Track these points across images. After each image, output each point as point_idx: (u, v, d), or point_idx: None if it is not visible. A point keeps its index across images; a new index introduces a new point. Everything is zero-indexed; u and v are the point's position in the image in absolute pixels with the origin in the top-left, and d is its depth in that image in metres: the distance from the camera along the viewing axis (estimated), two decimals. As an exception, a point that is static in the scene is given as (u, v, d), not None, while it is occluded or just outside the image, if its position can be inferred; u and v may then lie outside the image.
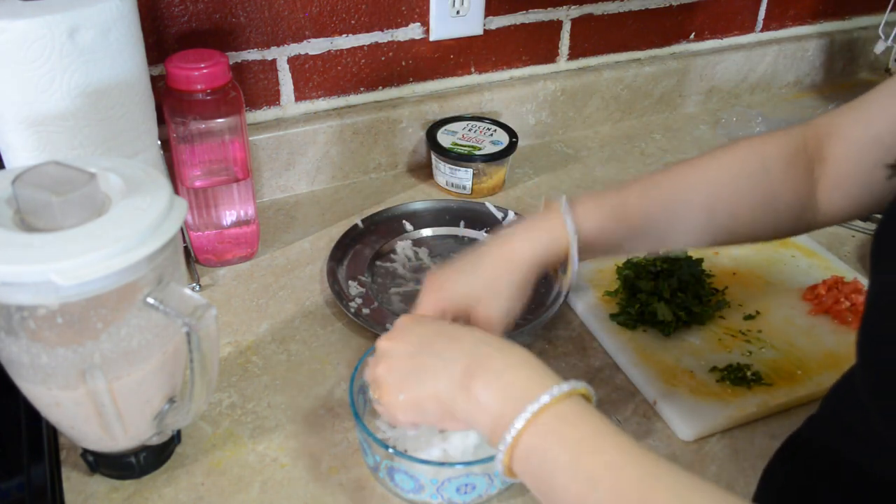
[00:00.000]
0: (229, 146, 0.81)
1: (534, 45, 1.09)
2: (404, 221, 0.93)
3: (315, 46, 0.95)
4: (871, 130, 0.57)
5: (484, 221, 0.94)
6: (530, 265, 0.62)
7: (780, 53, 1.26)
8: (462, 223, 0.93)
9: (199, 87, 0.76)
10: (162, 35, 0.86)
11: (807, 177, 0.62)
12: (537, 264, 0.63)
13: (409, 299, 0.82)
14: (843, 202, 0.61)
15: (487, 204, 0.95)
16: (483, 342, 0.53)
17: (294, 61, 0.94)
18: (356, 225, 0.91)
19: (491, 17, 1.03)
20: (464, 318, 0.62)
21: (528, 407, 0.46)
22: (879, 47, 1.19)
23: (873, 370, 0.46)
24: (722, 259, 0.88)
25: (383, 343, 0.56)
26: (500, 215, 0.94)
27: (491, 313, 0.61)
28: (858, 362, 0.47)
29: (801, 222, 0.64)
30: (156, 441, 0.61)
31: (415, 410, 0.53)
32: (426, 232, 0.92)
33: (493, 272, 0.62)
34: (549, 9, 1.06)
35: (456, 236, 0.92)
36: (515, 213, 0.94)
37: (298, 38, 0.93)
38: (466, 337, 0.54)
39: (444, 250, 0.90)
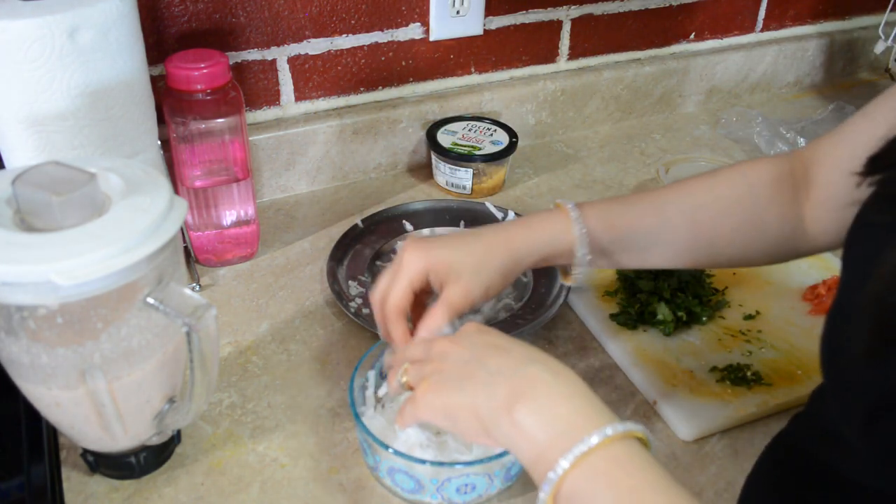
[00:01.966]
0: (229, 146, 0.81)
1: (534, 45, 1.09)
2: (404, 221, 0.93)
3: (315, 46, 0.95)
4: (851, 154, 0.57)
5: (484, 221, 0.94)
6: (525, 255, 0.63)
7: (780, 53, 1.26)
8: (462, 223, 0.93)
9: (199, 87, 0.76)
10: (162, 35, 0.86)
11: (793, 202, 0.63)
12: (532, 256, 0.63)
13: (409, 299, 0.82)
14: (830, 227, 0.62)
15: (487, 204, 0.95)
16: (532, 360, 0.50)
17: (294, 61, 0.94)
18: (356, 225, 0.91)
19: (491, 17, 1.03)
20: (437, 288, 0.61)
21: (576, 447, 0.43)
22: (879, 47, 1.19)
23: (831, 374, 0.48)
24: (722, 259, 0.88)
25: (443, 344, 0.54)
26: (500, 215, 0.94)
27: (470, 288, 0.60)
28: (820, 362, 0.49)
29: (789, 247, 0.65)
30: (156, 441, 0.61)
31: (445, 415, 0.51)
32: (426, 232, 0.92)
33: (485, 253, 0.62)
34: (549, 9, 1.06)
35: None
36: (515, 213, 0.94)
37: (298, 38, 0.93)
38: (517, 351, 0.51)
39: None
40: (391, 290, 0.61)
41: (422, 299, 0.64)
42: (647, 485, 0.42)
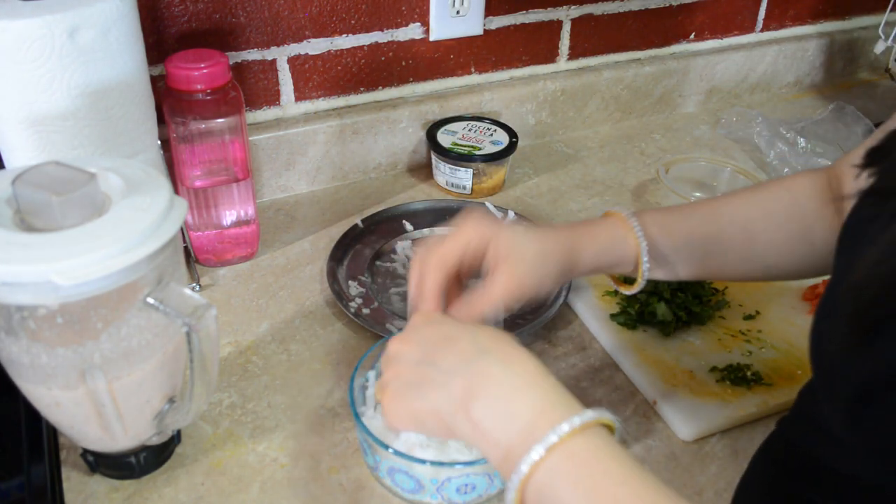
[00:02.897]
0: (229, 146, 0.81)
1: (534, 45, 1.09)
2: (404, 221, 0.93)
3: (315, 46, 0.95)
4: None
5: None
6: (584, 260, 0.61)
7: (780, 53, 1.26)
8: None
9: (199, 87, 0.76)
10: (162, 35, 0.86)
11: (836, 213, 0.63)
12: (591, 262, 0.62)
13: (409, 299, 0.82)
14: None
15: (487, 204, 0.95)
16: (482, 350, 0.49)
17: (294, 61, 0.94)
18: (356, 225, 0.91)
19: (491, 17, 1.03)
20: (490, 265, 0.58)
21: (535, 449, 0.43)
22: (879, 47, 1.19)
23: (816, 366, 0.48)
24: (722, 259, 0.88)
25: (393, 345, 0.54)
26: (500, 215, 0.94)
27: (526, 280, 0.57)
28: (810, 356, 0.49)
29: None
30: (156, 441, 0.61)
31: (414, 422, 0.51)
32: (426, 232, 0.92)
33: (550, 248, 0.59)
34: (549, 9, 1.06)
35: None
36: (516, 214, 0.94)
37: (298, 38, 0.93)
38: (466, 341, 0.50)
39: None
40: (441, 244, 0.58)
41: (456, 288, 0.60)
42: (608, 478, 0.42)
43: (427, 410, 0.49)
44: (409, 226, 0.92)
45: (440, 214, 0.94)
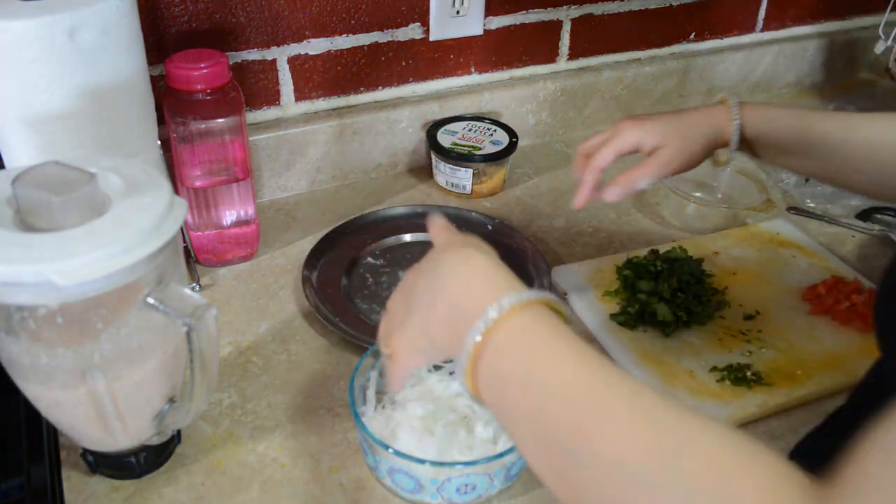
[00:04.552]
0: (229, 146, 0.81)
1: (534, 45, 1.09)
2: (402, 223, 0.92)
3: (315, 46, 0.95)
4: None
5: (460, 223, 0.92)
6: (725, 134, 0.76)
7: (780, 53, 1.26)
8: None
9: (199, 87, 0.76)
10: (162, 35, 0.86)
11: None
12: (712, 141, 0.76)
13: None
14: None
15: (448, 208, 0.94)
16: (438, 263, 0.49)
17: (294, 61, 0.94)
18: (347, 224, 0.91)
19: (491, 17, 1.03)
20: (645, 154, 0.75)
21: (476, 325, 0.42)
22: (879, 47, 1.19)
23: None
24: (722, 259, 0.88)
25: (389, 304, 0.54)
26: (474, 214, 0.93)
27: (674, 154, 0.74)
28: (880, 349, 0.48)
29: None
30: (156, 441, 0.61)
31: (415, 352, 0.50)
32: (420, 236, 0.91)
33: (691, 127, 0.75)
34: (549, 9, 1.06)
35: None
36: (492, 217, 0.93)
37: (298, 38, 0.93)
38: (425, 269, 0.50)
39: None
40: (601, 151, 0.75)
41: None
42: (548, 350, 0.41)
43: (415, 338, 0.49)
44: (407, 237, 0.91)
45: (417, 218, 0.92)
